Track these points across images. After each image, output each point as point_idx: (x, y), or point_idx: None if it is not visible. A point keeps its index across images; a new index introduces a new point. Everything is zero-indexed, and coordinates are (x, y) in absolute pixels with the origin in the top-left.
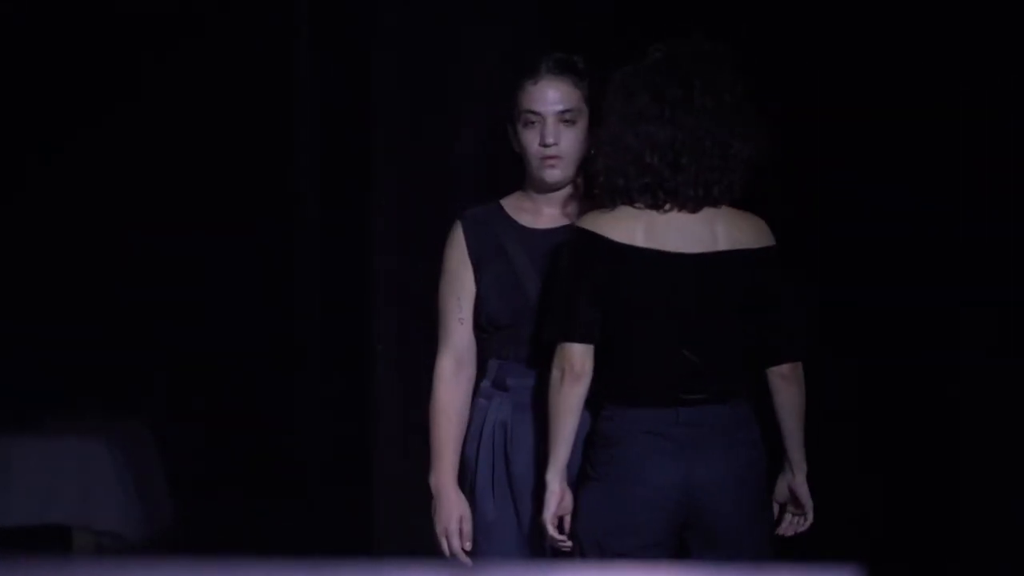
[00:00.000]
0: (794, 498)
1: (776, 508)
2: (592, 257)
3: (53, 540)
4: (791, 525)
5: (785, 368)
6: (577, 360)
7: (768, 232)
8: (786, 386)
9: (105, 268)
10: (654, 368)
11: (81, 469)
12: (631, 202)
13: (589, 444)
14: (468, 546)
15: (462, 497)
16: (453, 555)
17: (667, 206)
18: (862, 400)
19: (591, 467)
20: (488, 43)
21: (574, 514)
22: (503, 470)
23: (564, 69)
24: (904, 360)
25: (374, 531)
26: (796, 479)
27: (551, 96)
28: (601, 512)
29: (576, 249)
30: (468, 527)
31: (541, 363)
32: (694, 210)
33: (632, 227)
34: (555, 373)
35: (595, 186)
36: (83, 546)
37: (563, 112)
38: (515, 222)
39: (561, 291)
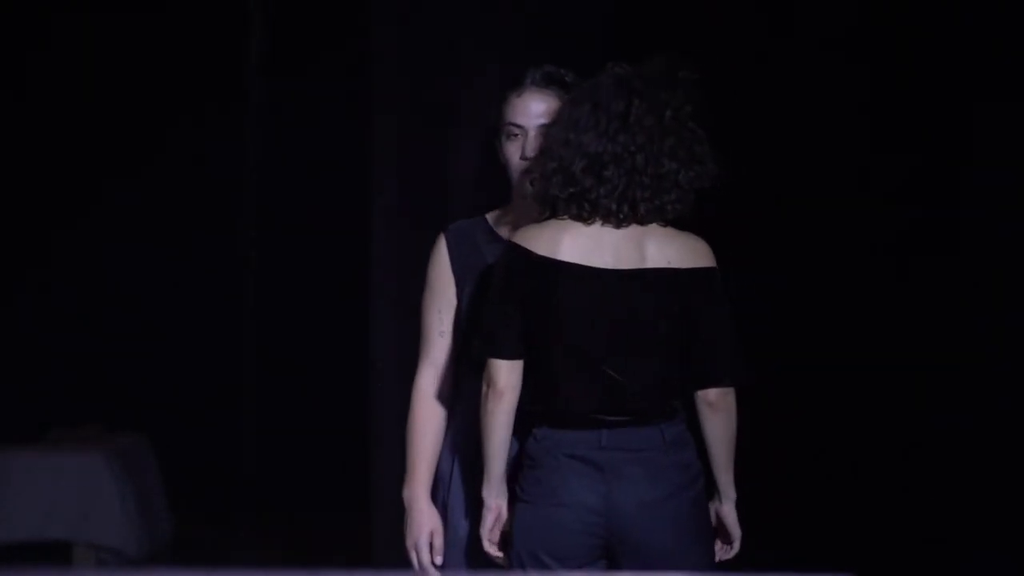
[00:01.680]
0: (722, 526)
1: None
2: (517, 271)
3: (53, 556)
4: (719, 551)
5: (711, 394)
6: (501, 376)
7: (707, 253)
8: (711, 413)
9: (103, 281)
10: (576, 387)
11: (81, 484)
12: (558, 213)
13: (517, 465)
14: (439, 560)
15: (434, 511)
16: (423, 568)
17: (591, 219)
18: (853, 407)
19: (519, 487)
20: (487, 57)
21: (508, 532)
22: (478, 486)
23: (549, 82)
24: (897, 366)
25: (373, 545)
26: (724, 507)
27: (534, 109)
28: (526, 532)
29: (504, 263)
30: (439, 541)
31: None
32: (618, 225)
33: (556, 240)
34: (483, 388)
35: (530, 195)
36: (83, 561)
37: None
38: (498, 236)
39: (489, 305)
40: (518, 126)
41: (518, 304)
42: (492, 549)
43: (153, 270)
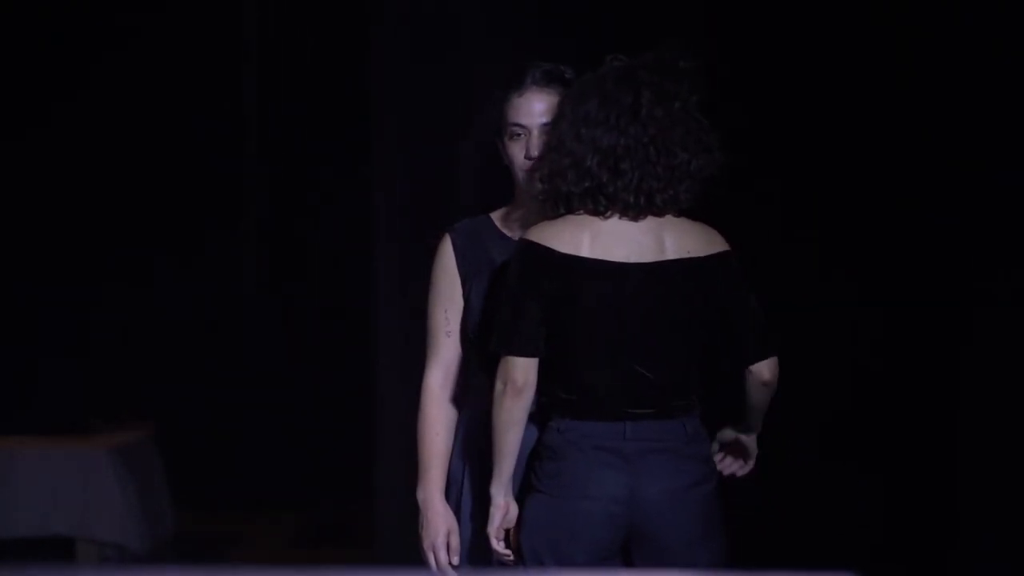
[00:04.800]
0: (739, 444)
1: (717, 448)
2: (537, 269)
3: (56, 551)
4: (728, 465)
5: (764, 368)
6: (519, 373)
7: (720, 239)
8: (763, 386)
9: (102, 280)
10: (602, 381)
11: (84, 480)
12: (572, 209)
13: (535, 456)
14: (456, 560)
15: (449, 511)
16: (440, 569)
17: (608, 213)
18: (858, 404)
19: (536, 479)
20: (492, 50)
21: (517, 526)
22: (486, 484)
23: (550, 80)
24: (901, 361)
25: (375, 542)
26: (747, 436)
27: (536, 108)
28: (545, 525)
29: (521, 261)
30: (456, 541)
31: None
32: (635, 218)
33: (577, 237)
34: (498, 385)
35: (540, 192)
36: (86, 557)
37: (548, 124)
38: (504, 235)
39: (507, 303)
40: (521, 126)
41: (538, 301)
42: (500, 546)
43: (156, 267)
